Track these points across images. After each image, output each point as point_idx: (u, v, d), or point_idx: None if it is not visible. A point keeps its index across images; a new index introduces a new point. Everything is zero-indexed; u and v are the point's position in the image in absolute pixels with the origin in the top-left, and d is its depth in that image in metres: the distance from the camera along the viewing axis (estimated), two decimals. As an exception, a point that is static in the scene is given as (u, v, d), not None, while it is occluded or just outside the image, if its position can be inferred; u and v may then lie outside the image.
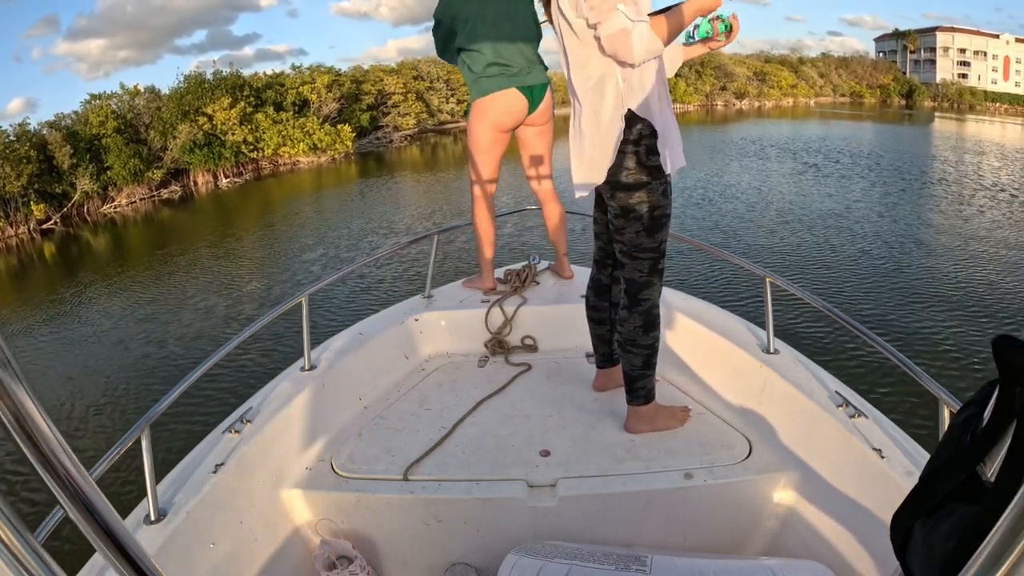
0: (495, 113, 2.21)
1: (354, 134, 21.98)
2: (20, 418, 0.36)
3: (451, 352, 2.26)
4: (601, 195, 1.63)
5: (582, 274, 2.56)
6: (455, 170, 16.65)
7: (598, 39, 1.37)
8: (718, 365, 1.93)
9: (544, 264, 2.66)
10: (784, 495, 1.52)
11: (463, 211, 10.65)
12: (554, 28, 1.51)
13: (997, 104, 52.38)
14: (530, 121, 2.30)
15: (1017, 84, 57.17)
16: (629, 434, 1.69)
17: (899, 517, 0.49)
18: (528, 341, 2.26)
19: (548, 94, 2.31)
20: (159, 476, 1.31)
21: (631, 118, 1.43)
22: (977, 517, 0.40)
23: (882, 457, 1.32)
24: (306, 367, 1.87)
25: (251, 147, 19.64)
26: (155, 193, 17.24)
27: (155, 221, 14.33)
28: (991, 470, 0.43)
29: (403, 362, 2.17)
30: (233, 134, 19.12)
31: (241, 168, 19.48)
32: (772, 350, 1.82)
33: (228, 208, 15.00)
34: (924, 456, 1.31)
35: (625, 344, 1.61)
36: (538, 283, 2.48)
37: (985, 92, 53.80)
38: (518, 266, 2.56)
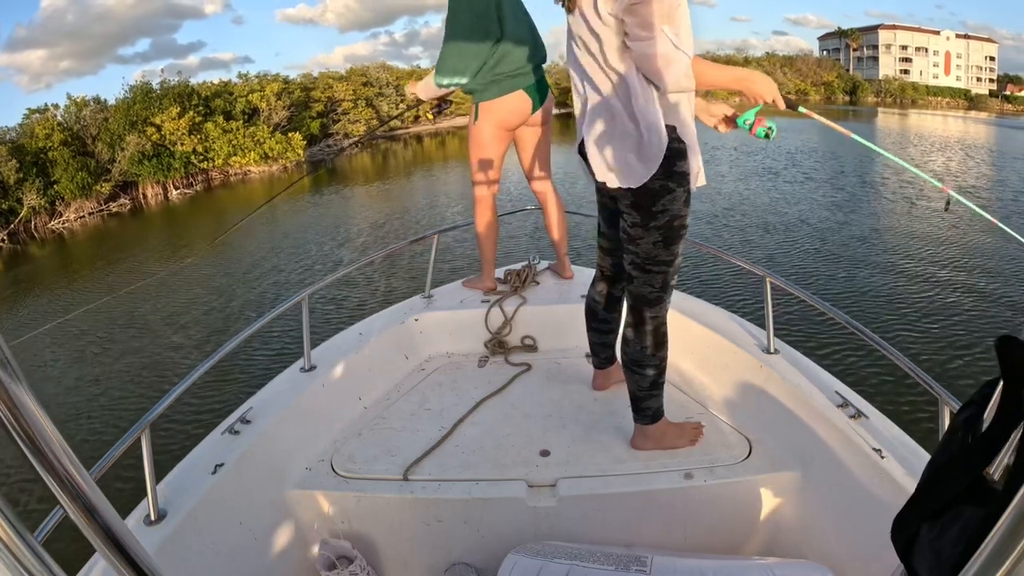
0: (503, 114, 2.18)
1: (305, 142, 21.58)
2: (20, 418, 0.36)
3: (451, 352, 2.26)
4: (611, 205, 1.52)
5: (582, 274, 2.56)
6: (405, 178, 16.26)
7: (629, 47, 1.26)
8: (718, 365, 1.93)
9: (544, 264, 2.66)
10: (784, 495, 1.52)
11: (416, 226, 10.06)
12: (581, 16, 1.33)
13: (939, 98, 54.97)
14: (531, 120, 2.27)
15: (958, 78, 60.41)
16: (631, 435, 1.69)
17: (902, 519, 0.49)
18: (528, 341, 2.26)
19: (551, 96, 2.28)
20: (159, 476, 1.31)
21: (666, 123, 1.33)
22: (985, 520, 0.39)
23: (882, 457, 1.32)
24: (306, 367, 1.86)
25: (201, 157, 19.12)
26: (104, 207, 16.73)
27: (103, 236, 13.65)
28: (997, 472, 0.43)
29: (403, 362, 2.17)
30: (182, 144, 18.63)
31: (191, 179, 19.00)
32: (772, 350, 1.82)
33: (179, 221, 14.29)
34: (924, 456, 1.31)
35: (631, 365, 1.53)
36: (538, 283, 2.48)
37: (927, 87, 56.58)
38: (518, 266, 2.55)
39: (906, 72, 58.14)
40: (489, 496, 1.49)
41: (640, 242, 1.41)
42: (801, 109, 1.46)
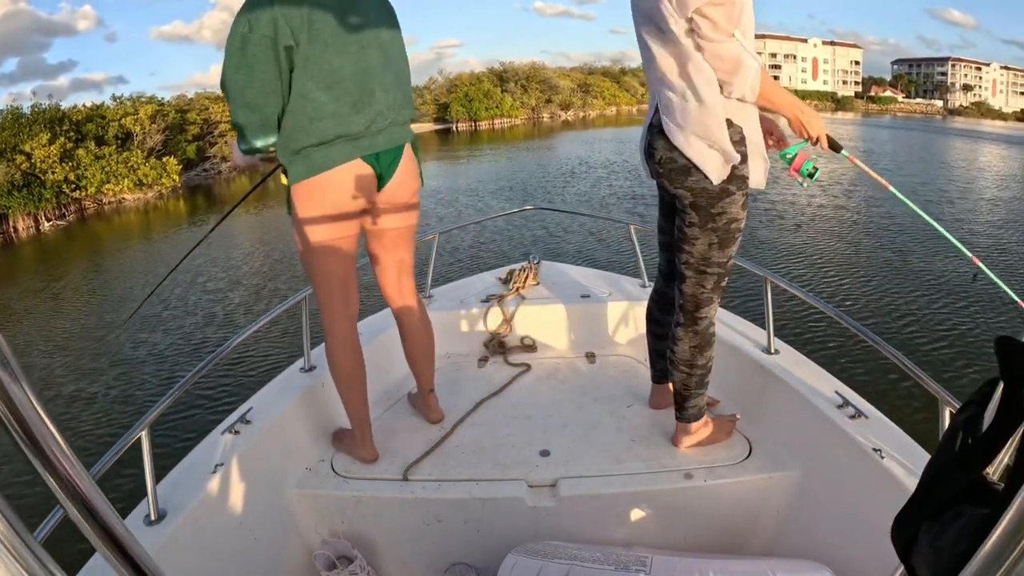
0: (332, 196, 1.42)
1: (180, 167, 20.88)
2: (20, 418, 0.36)
3: (451, 352, 2.26)
4: (670, 203, 1.50)
5: (579, 273, 2.55)
6: (282, 205, 15.45)
7: (701, 47, 1.24)
8: (718, 365, 1.92)
9: (536, 259, 2.64)
10: (784, 495, 1.52)
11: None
12: (650, 10, 1.27)
13: (807, 101, 60.32)
14: (385, 202, 1.53)
15: (825, 82, 66.08)
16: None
17: (902, 519, 0.49)
18: (528, 341, 2.26)
19: (410, 162, 1.53)
20: (159, 476, 1.31)
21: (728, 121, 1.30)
22: (985, 520, 0.39)
23: (882, 457, 1.32)
24: (306, 367, 1.87)
25: (73, 186, 18.00)
26: (-27, 243, 15.32)
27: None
28: (997, 472, 0.43)
29: (403, 362, 2.16)
30: (53, 173, 17.47)
31: (64, 209, 17.89)
32: (772, 350, 1.82)
33: (53, 257, 12.45)
34: (924, 456, 1.31)
35: (678, 364, 1.53)
36: (538, 283, 2.48)
37: (796, 91, 61.44)
38: (518, 266, 2.56)
39: (776, 78, 62.30)
40: (489, 496, 1.49)
41: (696, 243, 1.40)
42: (844, 153, 1.41)
